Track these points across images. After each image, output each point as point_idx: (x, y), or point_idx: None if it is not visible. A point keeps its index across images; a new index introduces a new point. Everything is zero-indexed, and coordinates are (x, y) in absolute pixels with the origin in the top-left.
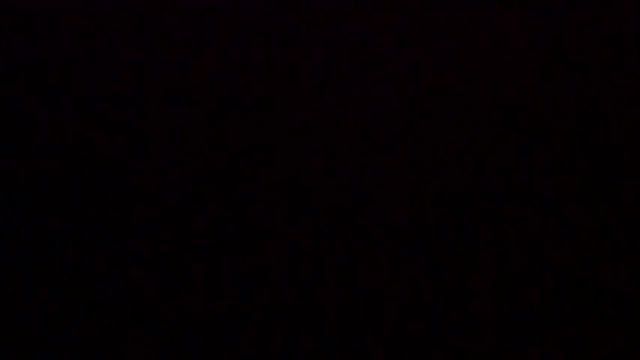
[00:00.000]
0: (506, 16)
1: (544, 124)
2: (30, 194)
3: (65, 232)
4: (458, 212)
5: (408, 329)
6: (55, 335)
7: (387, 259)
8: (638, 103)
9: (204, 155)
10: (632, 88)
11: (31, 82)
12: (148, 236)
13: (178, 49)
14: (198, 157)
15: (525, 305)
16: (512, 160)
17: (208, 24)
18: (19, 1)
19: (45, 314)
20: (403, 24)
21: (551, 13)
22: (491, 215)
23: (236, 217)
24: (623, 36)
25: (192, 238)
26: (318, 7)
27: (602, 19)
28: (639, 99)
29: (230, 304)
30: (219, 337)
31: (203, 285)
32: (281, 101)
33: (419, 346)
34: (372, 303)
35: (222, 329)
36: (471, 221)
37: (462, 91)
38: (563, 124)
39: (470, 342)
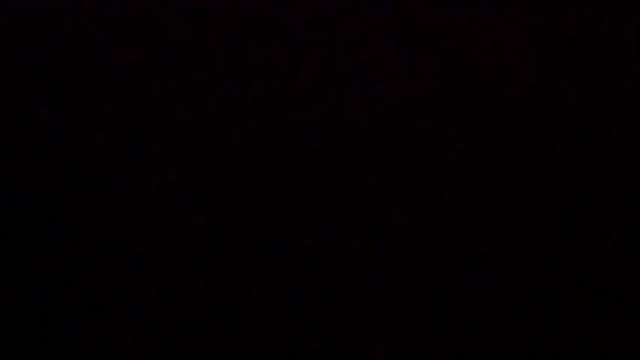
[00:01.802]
0: (506, 16)
1: (544, 124)
2: (30, 194)
3: (65, 232)
4: (458, 212)
5: (408, 329)
6: (55, 335)
7: (387, 259)
8: (638, 103)
9: (204, 155)
10: (632, 88)
11: (31, 82)
12: (148, 236)
13: (178, 49)
14: (198, 157)
15: (525, 305)
16: (512, 160)
17: (208, 24)
18: (19, 1)
19: (45, 314)
20: (403, 24)
21: (551, 13)
22: (492, 215)
23: (236, 217)
24: (623, 36)
25: (192, 238)
26: (318, 7)
27: (602, 19)
28: (639, 99)
29: (230, 304)
30: (219, 337)
31: (203, 285)
32: (281, 101)
33: (419, 346)
34: (372, 303)
35: (222, 329)
36: (471, 221)
37: (462, 91)
38: (563, 124)
39: (470, 342)
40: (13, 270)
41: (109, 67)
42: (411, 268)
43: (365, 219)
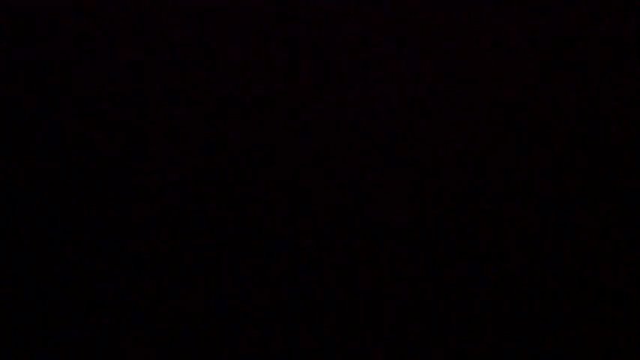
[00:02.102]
0: (506, 16)
1: (544, 124)
2: (30, 194)
3: (65, 232)
4: (458, 212)
5: (408, 329)
6: (55, 335)
7: (387, 259)
8: (638, 103)
9: (204, 155)
10: (632, 88)
11: (31, 82)
12: (148, 236)
13: (178, 49)
14: (198, 157)
15: (525, 305)
16: (512, 160)
17: (208, 24)
18: (19, 1)
19: (45, 314)
20: (403, 24)
21: (551, 13)
22: (492, 215)
23: (236, 217)
24: (623, 36)
25: (192, 238)
26: (318, 7)
27: (602, 19)
28: (639, 99)
29: (230, 304)
30: (219, 337)
31: (203, 285)
32: (281, 101)
33: (419, 346)
34: (372, 303)
35: (222, 329)
36: (471, 221)
37: (462, 91)
38: (563, 124)
39: (470, 342)
40: (13, 270)
41: (109, 67)
42: (411, 268)
43: (365, 219)
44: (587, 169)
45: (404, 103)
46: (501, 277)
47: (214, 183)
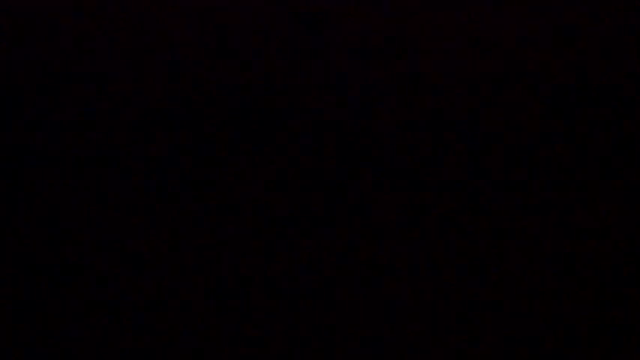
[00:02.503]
0: (506, 16)
1: (544, 124)
2: (30, 194)
3: (65, 232)
4: (458, 212)
5: (408, 329)
6: (55, 335)
7: (387, 259)
8: (638, 103)
9: (204, 155)
10: (632, 88)
11: (31, 82)
12: (148, 236)
13: (178, 49)
14: (199, 157)
15: (525, 305)
16: (513, 160)
17: (208, 24)
18: (19, 1)
19: (45, 314)
20: (403, 24)
21: (551, 13)
22: (491, 215)
23: (236, 217)
24: (623, 36)
25: (193, 238)
26: (318, 7)
27: (602, 19)
28: (639, 99)
29: (230, 304)
30: (219, 337)
31: (203, 285)
32: (281, 101)
33: (419, 346)
34: (372, 303)
35: (222, 329)
36: (471, 221)
37: (462, 91)
38: (563, 124)
39: (470, 342)
40: (13, 270)
41: (109, 67)
42: (411, 268)
43: (365, 218)
44: (587, 169)
45: (404, 103)
46: (501, 277)
47: (214, 183)
